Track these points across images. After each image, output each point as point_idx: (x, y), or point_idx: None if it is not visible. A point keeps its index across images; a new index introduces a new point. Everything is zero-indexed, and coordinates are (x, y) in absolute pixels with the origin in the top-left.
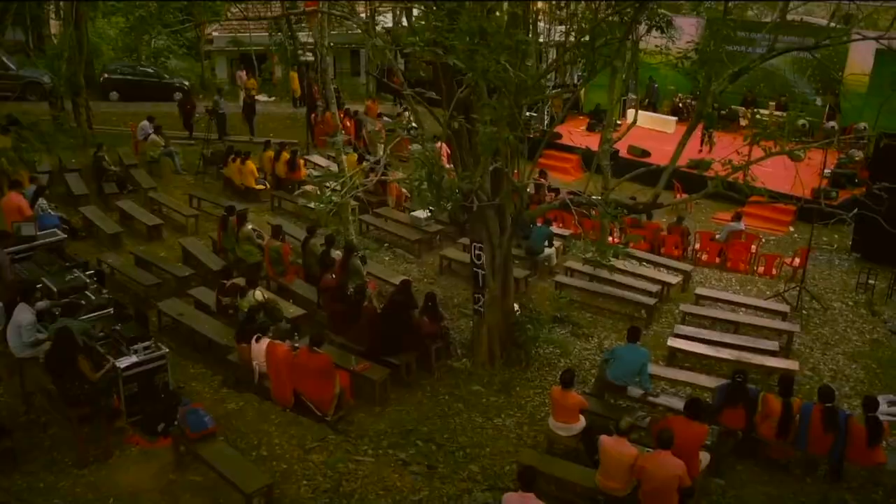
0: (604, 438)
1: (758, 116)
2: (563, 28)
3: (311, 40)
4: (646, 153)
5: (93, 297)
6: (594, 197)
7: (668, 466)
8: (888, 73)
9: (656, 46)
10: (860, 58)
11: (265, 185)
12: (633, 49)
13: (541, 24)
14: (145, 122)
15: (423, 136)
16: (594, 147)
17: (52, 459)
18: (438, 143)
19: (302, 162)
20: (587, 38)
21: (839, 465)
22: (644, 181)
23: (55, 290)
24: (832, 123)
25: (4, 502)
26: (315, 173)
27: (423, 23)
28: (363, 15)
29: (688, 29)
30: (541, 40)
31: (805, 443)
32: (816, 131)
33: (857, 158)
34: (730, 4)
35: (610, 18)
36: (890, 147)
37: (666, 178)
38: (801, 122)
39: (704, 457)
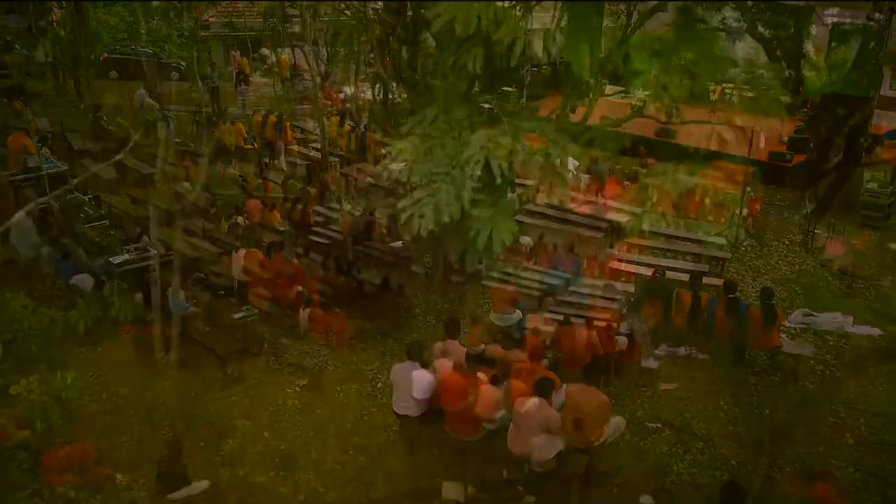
0: (529, 316)
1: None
2: None
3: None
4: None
5: (91, 212)
6: None
7: (580, 335)
8: (843, 46)
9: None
10: (822, 33)
11: (253, 145)
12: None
13: None
14: (142, 91)
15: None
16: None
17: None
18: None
19: (288, 125)
20: None
21: (741, 348)
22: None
23: (57, 205)
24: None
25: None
26: (300, 136)
27: None
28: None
29: None
30: None
31: (712, 330)
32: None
33: (783, 98)
34: None
35: None
36: (831, 102)
37: (590, 110)
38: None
39: (622, 340)
